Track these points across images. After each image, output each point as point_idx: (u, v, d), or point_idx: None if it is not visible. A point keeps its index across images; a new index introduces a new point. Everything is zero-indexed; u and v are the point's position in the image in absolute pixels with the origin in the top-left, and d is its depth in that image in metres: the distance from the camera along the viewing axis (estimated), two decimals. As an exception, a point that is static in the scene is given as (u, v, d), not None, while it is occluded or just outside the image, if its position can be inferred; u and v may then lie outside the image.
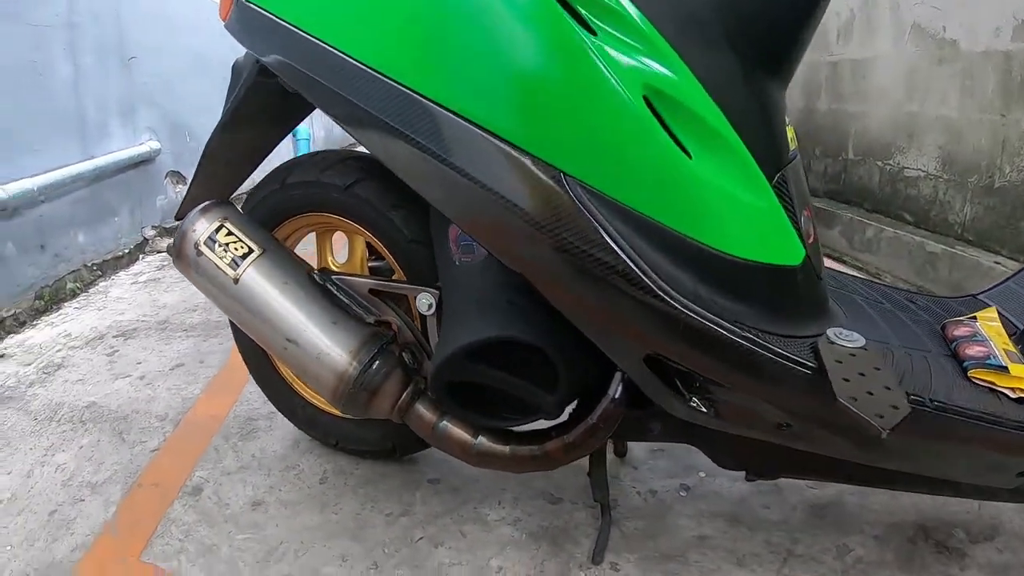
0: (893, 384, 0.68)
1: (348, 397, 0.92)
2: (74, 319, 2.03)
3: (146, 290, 2.28)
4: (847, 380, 0.66)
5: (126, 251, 2.55)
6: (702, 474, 1.23)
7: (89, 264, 2.32)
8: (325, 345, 0.92)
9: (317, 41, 0.80)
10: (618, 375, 0.81)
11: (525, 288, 0.73)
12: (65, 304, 2.14)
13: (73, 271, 2.23)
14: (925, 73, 2.37)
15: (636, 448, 1.30)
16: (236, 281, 0.97)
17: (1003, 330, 0.99)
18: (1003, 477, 0.87)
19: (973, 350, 0.92)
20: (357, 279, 1.02)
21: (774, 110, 0.79)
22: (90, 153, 2.29)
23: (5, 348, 1.80)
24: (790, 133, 0.82)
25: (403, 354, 0.96)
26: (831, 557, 1.03)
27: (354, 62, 0.77)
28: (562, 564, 1.00)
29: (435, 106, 0.71)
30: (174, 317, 2.03)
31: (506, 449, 0.87)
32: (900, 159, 2.55)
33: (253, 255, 0.98)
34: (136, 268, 2.55)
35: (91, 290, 2.28)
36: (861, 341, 0.76)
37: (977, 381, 0.87)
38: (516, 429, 0.90)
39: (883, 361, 0.74)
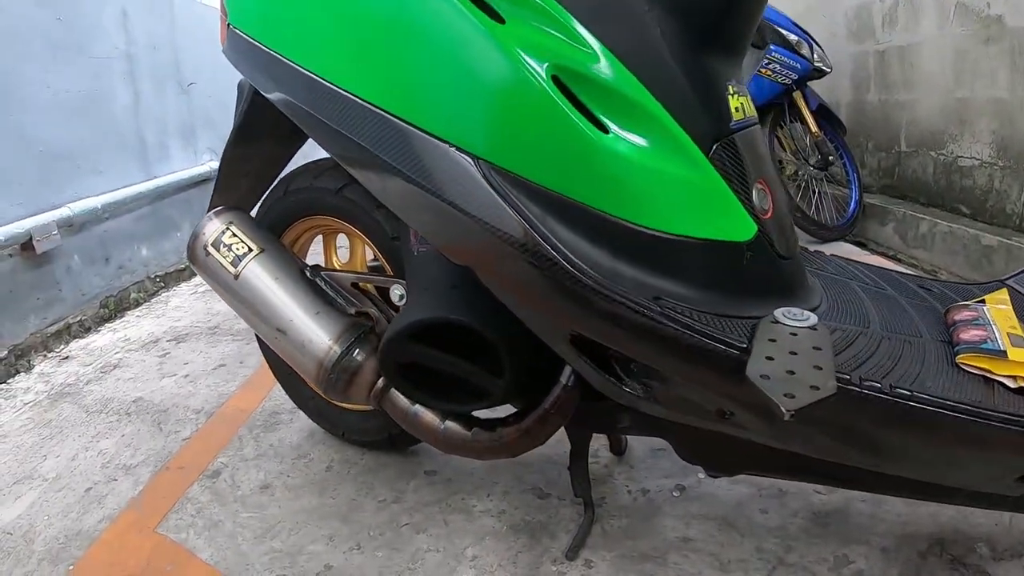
0: (827, 364, 0.64)
1: (328, 382, 0.97)
2: (134, 325, 2.22)
3: (203, 300, 2.46)
4: (770, 359, 0.63)
5: (187, 264, 2.75)
6: (701, 476, 1.21)
7: (152, 276, 2.53)
8: (309, 333, 0.99)
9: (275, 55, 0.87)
10: (570, 362, 0.81)
11: (472, 275, 0.76)
12: (128, 312, 2.34)
13: (137, 282, 2.44)
14: (973, 54, 2.23)
15: (637, 447, 1.29)
16: (236, 277, 1.06)
17: (1013, 313, 0.90)
18: (999, 482, 0.78)
19: (969, 334, 0.84)
20: (342, 274, 1.09)
21: (709, 80, 0.77)
22: (152, 173, 2.51)
23: (70, 351, 2.00)
24: (736, 103, 0.80)
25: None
26: (826, 568, 0.97)
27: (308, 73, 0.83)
28: (535, 557, 1.01)
29: (366, 105, 0.76)
30: (224, 323, 2.18)
31: (469, 435, 0.90)
32: (953, 148, 2.40)
33: (252, 254, 1.06)
34: (196, 280, 2.75)
35: (153, 300, 2.49)
36: (812, 320, 0.72)
37: (967, 368, 0.79)
38: (480, 416, 0.93)
39: (830, 342, 0.69)
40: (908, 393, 0.70)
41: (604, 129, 0.71)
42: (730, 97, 0.80)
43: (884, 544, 1.02)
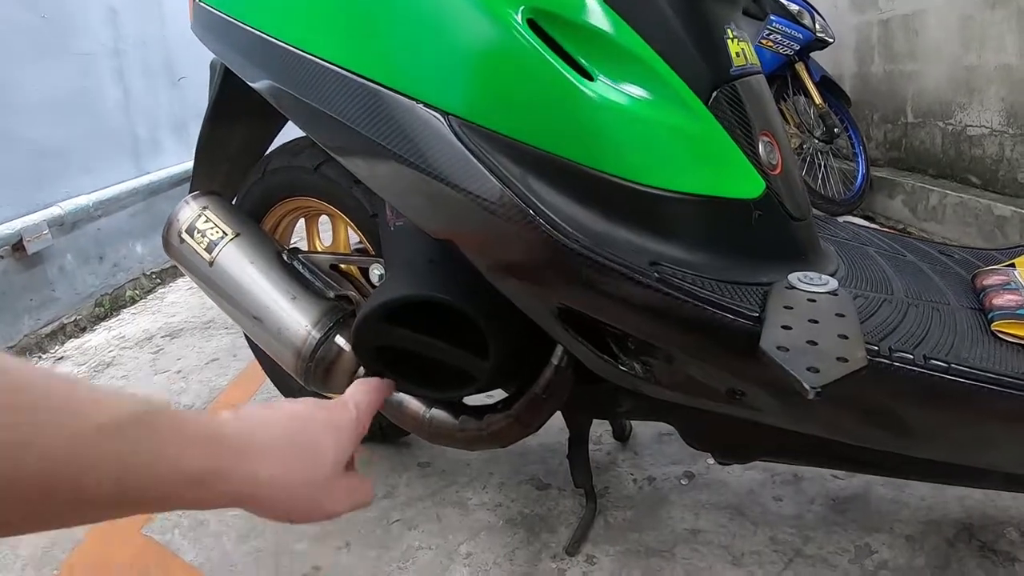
0: (854, 333, 0.56)
1: (306, 370, 0.91)
2: (129, 323, 2.17)
3: (199, 294, 2.41)
4: (787, 328, 0.55)
5: (183, 260, 2.71)
6: (711, 462, 1.14)
7: (148, 272, 2.49)
8: (285, 320, 0.93)
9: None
10: (562, 341, 0.74)
11: (451, 249, 0.69)
12: (124, 310, 2.30)
13: (132, 279, 2.39)
14: (979, 20, 2.16)
15: (642, 433, 1.22)
16: (211, 264, 1.00)
17: None
18: None
19: (1003, 299, 0.77)
20: (320, 256, 1.02)
21: (705, 21, 0.70)
22: (144, 169, 2.46)
23: (64, 351, 1.96)
24: (736, 47, 0.72)
25: (363, 329, 0.95)
26: (847, 560, 0.91)
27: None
28: (534, 553, 0.95)
29: (322, 63, 0.69)
30: (219, 317, 2.13)
31: (456, 423, 0.83)
32: (962, 117, 2.32)
33: (227, 239, 1.00)
34: (194, 276, 2.71)
35: (149, 296, 2.45)
36: (832, 285, 0.65)
37: (1003, 336, 0.71)
38: (467, 404, 0.86)
39: (855, 308, 0.62)
40: (944, 365, 0.62)
41: (589, 76, 0.63)
42: (729, 41, 0.72)
43: (908, 532, 0.96)
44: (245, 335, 1.28)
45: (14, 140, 1.90)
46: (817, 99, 2.70)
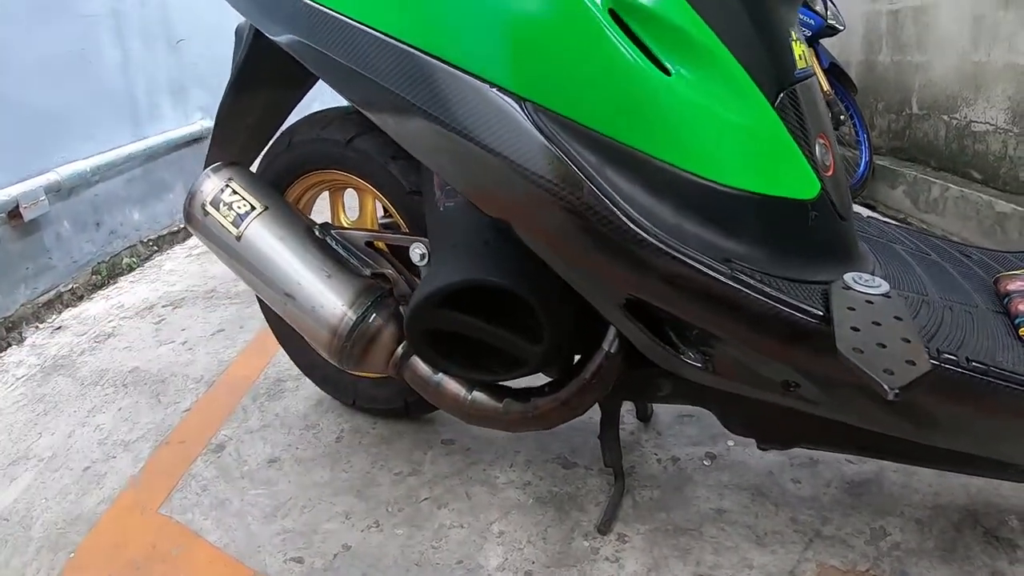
0: (915, 337, 0.58)
1: (342, 350, 0.90)
2: (128, 291, 2.13)
3: (198, 262, 2.37)
4: (856, 329, 0.57)
5: (181, 226, 2.64)
6: (731, 443, 1.16)
7: (145, 240, 2.43)
8: (320, 298, 0.91)
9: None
10: (613, 327, 0.75)
11: (506, 231, 0.69)
12: (121, 278, 2.25)
13: (129, 247, 2.34)
14: (991, 18, 2.16)
15: (663, 413, 1.24)
16: (239, 238, 0.97)
17: None
18: None
19: None
20: (355, 232, 1.01)
21: (775, 24, 0.70)
22: (142, 134, 2.39)
23: (62, 321, 1.91)
24: (799, 50, 0.72)
25: (399, 307, 0.94)
26: (863, 541, 0.94)
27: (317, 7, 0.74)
28: (566, 532, 0.96)
29: (391, 40, 0.67)
30: (221, 287, 2.09)
31: (499, 406, 0.83)
32: (967, 112, 2.34)
33: (255, 212, 0.98)
34: (191, 242, 2.65)
35: (147, 264, 2.39)
36: (885, 288, 0.66)
37: None
38: (511, 386, 0.86)
39: (908, 312, 0.64)
40: (984, 367, 0.66)
41: (666, 70, 0.63)
42: (793, 43, 0.72)
43: (918, 515, 0.99)
44: (261, 307, 1.27)
45: (10, 103, 1.84)
46: (824, 86, 2.69)
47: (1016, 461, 0.81)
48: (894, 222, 1.14)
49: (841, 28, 2.71)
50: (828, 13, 2.64)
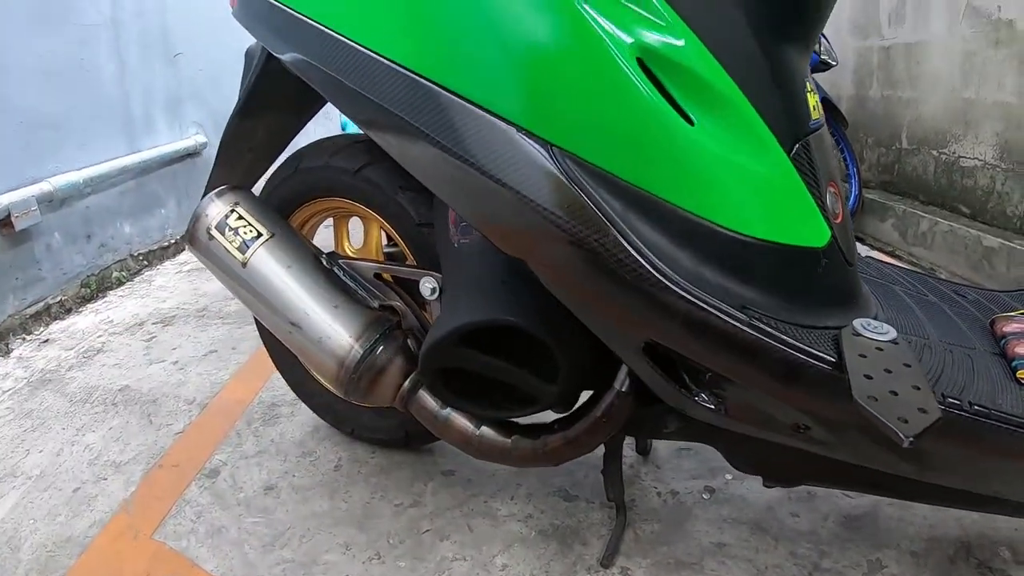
0: (924, 384, 0.60)
1: (349, 382, 0.90)
2: (117, 306, 2.10)
3: (189, 279, 2.34)
4: (869, 377, 0.59)
5: (172, 241, 2.62)
6: (729, 476, 1.17)
7: (135, 254, 2.40)
8: (327, 329, 0.91)
9: (313, 23, 0.79)
10: (624, 366, 0.75)
11: (523, 270, 0.69)
12: (111, 292, 2.22)
13: (119, 260, 2.31)
14: (981, 57, 2.23)
15: (661, 446, 1.24)
16: (244, 264, 0.97)
17: None
18: None
19: None
20: (363, 263, 1.01)
21: (792, 75, 0.72)
22: (137, 147, 2.37)
23: (50, 333, 1.88)
24: (812, 101, 0.74)
25: (407, 340, 0.94)
26: (861, 573, 0.95)
27: (340, 38, 0.75)
28: (569, 565, 0.96)
29: (419, 79, 0.68)
30: (213, 305, 2.07)
31: (508, 442, 0.83)
32: (956, 148, 2.40)
33: (262, 239, 0.98)
34: (182, 258, 2.62)
35: (136, 279, 2.36)
36: (892, 334, 0.68)
37: None
38: (520, 422, 0.86)
39: (915, 358, 0.65)
40: (986, 411, 0.68)
41: (689, 120, 0.65)
42: (808, 95, 0.74)
43: (914, 548, 1.00)
44: (259, 330, 1.25)
45: (6, 110, 1.82)
46: (817, 119, 2.75)
47: (1016, 498, 0.83)
48: (890, 260, 1.17)
49: (834, 63, 2.77)
50: (821, 48, 2.71)
